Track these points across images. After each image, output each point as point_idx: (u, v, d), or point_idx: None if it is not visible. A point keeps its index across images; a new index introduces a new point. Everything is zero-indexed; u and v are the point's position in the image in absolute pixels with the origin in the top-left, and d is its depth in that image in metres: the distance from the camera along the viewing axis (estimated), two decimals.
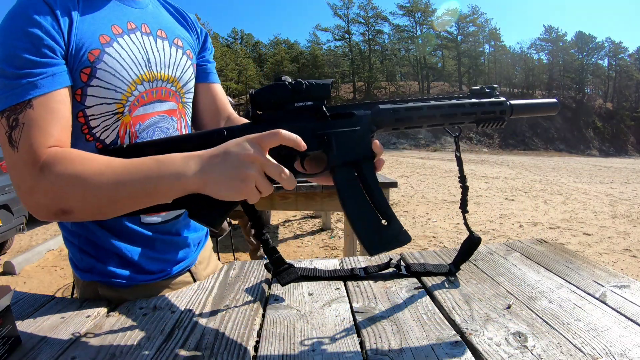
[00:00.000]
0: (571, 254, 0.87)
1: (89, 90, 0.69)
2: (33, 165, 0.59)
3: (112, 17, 0.73)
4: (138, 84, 0.74)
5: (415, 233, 4.73)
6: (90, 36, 0.68)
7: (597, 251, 4.11)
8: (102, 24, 0.70)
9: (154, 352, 0.53)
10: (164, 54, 0.79)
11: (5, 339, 0.52)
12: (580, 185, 9.49)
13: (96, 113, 0.71)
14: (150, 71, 0.76)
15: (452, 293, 0.69)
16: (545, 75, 45.00)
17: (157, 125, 0.79)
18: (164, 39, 0.80)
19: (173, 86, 0.81)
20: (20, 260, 3.63)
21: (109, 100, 0.71)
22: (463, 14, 44.52)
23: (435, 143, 32.66)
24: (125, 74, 0.71)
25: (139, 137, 0.76)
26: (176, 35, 0.84)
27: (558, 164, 18.27)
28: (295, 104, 0.59)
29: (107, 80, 0.69)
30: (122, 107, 0.72)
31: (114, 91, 0.71)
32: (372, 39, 44.94)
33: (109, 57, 0.69)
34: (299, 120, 0.59)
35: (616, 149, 36.99)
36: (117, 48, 0.71)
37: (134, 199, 0.58)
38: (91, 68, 0.68)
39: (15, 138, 0.60)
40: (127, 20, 0.75)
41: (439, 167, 14.22)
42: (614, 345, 0.51)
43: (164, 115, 0.80)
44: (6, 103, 0.60)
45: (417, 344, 0.53)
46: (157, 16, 0.83)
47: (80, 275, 0.79)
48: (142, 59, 0.74)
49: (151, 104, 0.77)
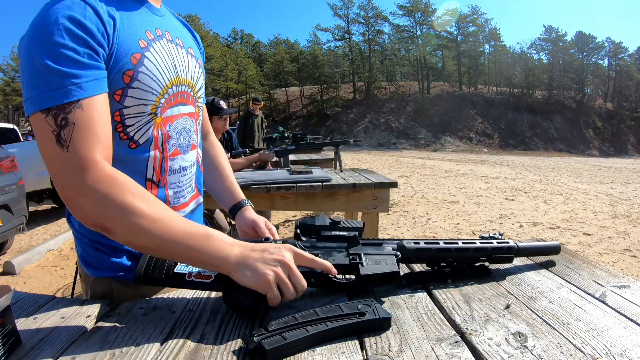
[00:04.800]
0: (571, 254, 0.87)
1: (129, 91, 0.71)
2: (83, 171, 0.60)
3: (144, 23, 0.76)
4: (169, 87, 0.78)
5: (415, 233, 4.73)
6: (131, 40, 0.71)
7: (597, 251, 4.11)
8: (138, 28, 0.74)
9: (154, 352, 0.53)
10: (184, 61, 0.84)
11: (5, 339, 0.52)
12: (581, 185, 9.48)
13: (132, 113, 0.73)
14: (177, 76, 0.80)
15: (452, 293, 0.69)
16: (545, 75, 44.99)
17: (182, 127, 0.85)
18: (181, 47, 0.85)
19: (192, 91, 0.87)
20: (20, 260, 3.63)
21: (146, 102, 0.74)
22: (463, 14, 44.53)
23: (435, 143, 32.64)
24: (160, 77, 0.75)
25: (171, 137, 0.81)
26: (189, 44, 0.89)
27: (558, 164, 18.27)
28: (333, 232, 0.71)
29: (146, 82, 0.73)
30: (156, 108, 0.76)
31: (151, 93, 0.74)
32: (372, 39, 44.93)
33: (148, 61, 0.73)
34: (335, 241, 0.70)
35: (616, 149, 36.98)
36: (153, 53, 0.75)
37: (174, 255, 0.63)
38: (134, 71, 0.71)
39: (65, 137, 0.60)
40: (155, 27, 0.79)
41: (439, 167, 14.22)
42: (614, 345, 0.51)
43: (187, 117, 0.86)
44: (53, 101, 0.60)
45: (417, 344, 0.53)
46: (174, 25, 0.88)
47: (92, 272, 0.80)
48: (171, 64, 0.79)
49: (177, 107, 0.82)
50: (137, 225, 0.59)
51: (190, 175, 0.89)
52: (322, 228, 0.71)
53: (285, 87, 43.39)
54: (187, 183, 0.88)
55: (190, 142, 0.88)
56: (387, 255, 0.70)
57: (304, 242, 0.70)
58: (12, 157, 4.00)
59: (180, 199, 0.86)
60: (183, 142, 0.85)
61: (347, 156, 18.32)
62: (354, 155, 20.60)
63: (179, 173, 0.84)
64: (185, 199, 0.88)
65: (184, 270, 0.65)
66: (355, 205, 2.35)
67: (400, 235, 4.64)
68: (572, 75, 44.65)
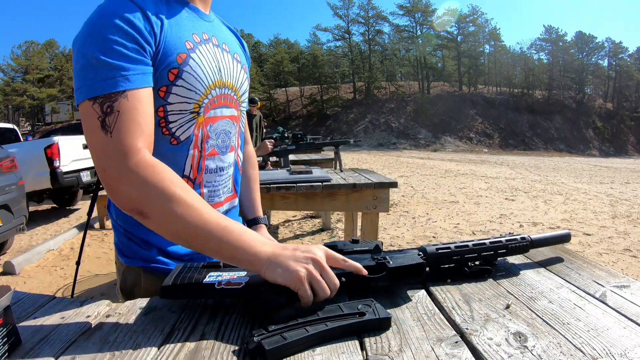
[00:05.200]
0: (571, 254, 0.87)
1: (174, 88, 0.75)
2: (125, 157, 0.63)
3: (192, 27, 0.80)
4: (212, 89, 0.81)
5: (416, 233, 4.73)
6: (177, 40, 0.75)
7: (597, 251, 4.11)
8: (185, 31, 0.78)
9: (154, 352, 0.53)
10: (229, 65, 0.87)
11: (5, 339, 0.52)
12: (581, 185, 9.48)
13: (175, 110, 0.77)
14: (221, 79, 0.83)
15: (452, 293, 0.69)
16: (545, 75, 44.98)
17: (222, 128, 0.87)
18: (227, 52, 0.88)
19: (235, 94, 0.90)
20: (20, 260, 3.63)
21: (189, 100, 0.77)
22: (463, 14, 44.52)
23: (435, 143, 32.64)
24: (204, 78, 0.79)
25: (210, 137, 0.84)
26: (235, 51, 0.92)
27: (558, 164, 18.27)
28: (355, 248, 0.73)
29: (190, 82, 0.76)
30: (198, 107, 0.79)
31: (194, 92, 0.77)
32: (372, 39, 44.92)
33: (193, 62, 0.77)
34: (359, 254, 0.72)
35: (616, 149, 36.98)
36: (198, 54, 0.78)
37: (204, 246, 0.63)
38: (178, 69, 0.74)
39: (110, 124, 0.64)
40: (202, 31, 0.82)
41: (439, 167, 14.22)
42: (614, 345, 0.51)
43: (228, 119, 0.89)
44: (101, 90, 0.65)
45: (417, 344, 0.53)
46: (222, 31, 0.91)
47: (124, 261, 0.85)
48: (215, 67, 0.82)
49: (220, 108, 0.85)
50: (173, 211, 0.61)
51: (227, 176, 0.92)
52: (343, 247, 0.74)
53: (285, 87, 43.37)
54: (224, 183, 0.91)
55: (229, 144, 0.90)
56: (410, 255, 0.72)
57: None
58: (12, 157, 4.00)
59: (215, 198, 0.89)
60: (221, 144, 0.87)
61: (347, 156, 18.32)
62: (354, 155, 20.60)
63: (215, 173, 0.87)
64: (220, 199, 0.91)
65: (212, 281, 0.64)
66: (355, 205, 2.35)
67: (400, 235, 4.64)
68: (572, 75, 44.64)
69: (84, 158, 5.96)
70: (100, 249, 4.20)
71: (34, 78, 38.63)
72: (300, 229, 4.88)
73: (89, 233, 4.06)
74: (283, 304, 0.59)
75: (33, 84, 38.45)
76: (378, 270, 0.68)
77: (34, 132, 30.96)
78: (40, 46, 41.03)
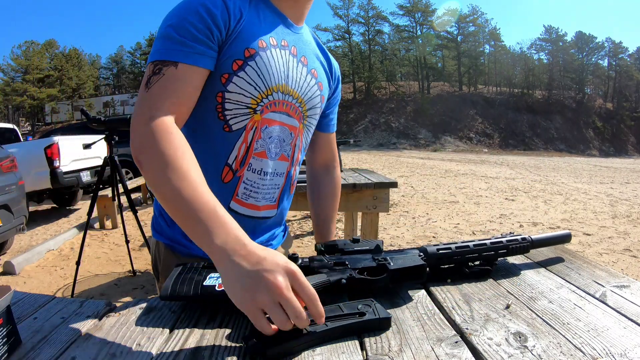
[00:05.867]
0: (571, 254, 0.87)
1: (235, 78, 0.78)
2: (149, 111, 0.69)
3: (273, 32, 0.83)
4: (274, 91, 0.82)
5: (416, 233, 4.73)
6: (251, 36, 0.79)
7: (597, 251, 4.11)
8: (263, 32, 0.81)
9: (154, 352, 0.53)
10: (300, 77, 0.88)
11: (5, 339, 0.52)
12: (581, 185, 9.48)
13: (233, 99, 0.80)
14: (286, 84, 0.84)
15: (452, 293, 0.69)
16: (545, 75, 44.97)
17: (278, 134, 0.87)
18: (304, 65, 0.89)
19: (300, 106, 0.89)
20: (20, 260, 3.63)
21: (247, 94, 0.80)
22: (463, 14, 44.51)
23: (435, 143, 32.64)
24: (268, 78, 0.80)
25: (262, 137, 0.84)
26: (314, 67, 0.92)
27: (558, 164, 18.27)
28: (355, 247, 0.74)
29: (251, 76, 0.79)
30: (256, 104, 0.81)
31: (254, 88, 0.80)
32: (372, 39, 44.91)
33: (260, 59, 0.79)
34: (359, 254, 0.72)
35: (616, 149, 36.98)
36: (268, 55, 0.80)
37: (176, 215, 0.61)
38: (243, 61, 0.78)
39: (152, 82, 0.71)
40: (282, 38, 0.85)
41: (438, 167, 14.22)
42: (614, 345, 0.51)
43: (287, 128, 0.88)
44: (159, 56, 0.72)
45: (417, 344, 0.52)
46: (306, 44, 0.92)
47: (154, 235, 0.94)
48: (283, 72, 0.83)
49: (279, 114, 0.85)
50: (165, 176, 0.62)
51: (272, 184, 0.90)
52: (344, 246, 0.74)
53: None
54: (267, 189, 0.89)
55: (281, 152, 0.89)
56: (411, 256, 0.72)
57: (330, 257, 0.72)
58: (12, 157, 4.00)
59: (251, 199, 0.88)
60: (273, 148, 0.87)
61: (347, 156, 18.31)
62: (354, 155, 20.60)
63: (258, 174, 0.87)
64: (259, 203, 0.89)
65: (213, 283, 0.64)
66: (355, 205, 2.35)
67: (400, 235, 4.64)
68: (572, 75, 44.63)
69: (84, 158, 5.96)
70: (100, 249, 4.20)
71: (34, 78, 38.63)
72: (300, 229, 4.88)
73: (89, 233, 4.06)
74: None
75: (33, 84, 38.45)
76: (379, 272, 0.68)
77: (34, 132, 30.94)
78: (40, 46, 41.01)
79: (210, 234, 0.55)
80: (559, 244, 0.86)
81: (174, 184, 0.60)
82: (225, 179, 0.84)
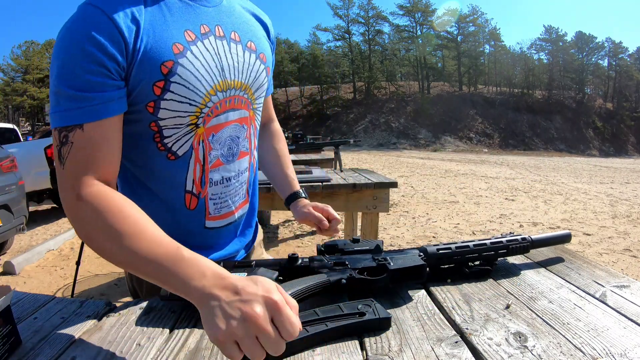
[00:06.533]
0: (571, 254, 0.87)
1: (162, 103, 0.68)
2: (72, 191, 0.61)
3: (185, 21, 0.70)
4: (212, 94, 0.72)
5: (416, 233, 4.73)
6: (162, 45, 0.66)
7: (597, 251, 4.11)
8: (174, 30, 0.68)
9: (154, 352, 0.53)
10: (238, 60, 0.76)
11: (5, 339, 0.52)
12: (581, 185, 9.49)
13: (170, 124, 0.70)
14: (224, 80, 0.74)
15: (452, 293, 0.69)
16: (545, 75, 44.98)
17: (228, 136, 0.79)
18: (237, 43, 0.77)
19: (245, 94, 0.80)
20: (20, 260, 3.63)
21: (183, 114, 0.70)
22: (463, 14, 44.53)
23: (435, 143, 32.64)
24: (199, 85, 0.70)
25: (213, 148, 0.76)
26: (249, 38, 0.81)
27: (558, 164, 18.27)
28: (355, 247, 0.74)
29: (181, 93, 0.68)
30: (196, 119, 0.72)
31: (188, 104, 0.70)
32: (372, 39, 44.92)
33: (182, 69, 0.67)
34: (359, 254, 0.73)
35: (616, 149, 36.98)
36: (190, 58, 0.68)
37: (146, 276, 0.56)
38: (164, 81, 0.66)
39: (64, 155, 0.62)
40: (200, 23, 0.72)
41: (439, 167, 14.22)
42: (614, 345, 0.51)
43: (236, 124, 0.80)
44: (59, 122, 0.62)
45: (417, 344, 0.52)
46: (232, 15, 0.79)
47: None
48: (216, 67, 0.72)
49: (224, 114, 0.76)
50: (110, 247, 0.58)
51: (237, 184, 0.85)
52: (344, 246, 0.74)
53: (285, 87, 43.37)
54: (234, 192, 0.84)
55: (237, 151, 0.82)
56: (411, 256, 0.72)
57: (330, 257, 0.72)
58: (12, 157, 4.00)
59: (223, 209, 0.83)
60: (227, 152, 0.80)
61: (347, 156, 18.31)
62: (354, 155, 20.60)
63: (221, 184, 0.81)
64: (231, 208, 0.85)
65: None
66: (355, 205, 2.35)
67: (400, 235, 4.64)
68: (572, 75, 44.63)
69: None
70: None
71: (34, 78, 38.67)
72: (301, 229, 4.88)
73: None
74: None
75: (33, 84, 38.49)
76: (379, 272, 0.68)
77: (34, 132, 30.95)
78: (40, 46, 41.08)
79: (187, 280, 0.52)
80: (559, 244, 0.86)
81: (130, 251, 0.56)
82: (191, 206, 0.79)
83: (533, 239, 0.80)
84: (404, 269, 0.68)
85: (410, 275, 0.69)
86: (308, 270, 0.68)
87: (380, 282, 0.67)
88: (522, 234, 0.80)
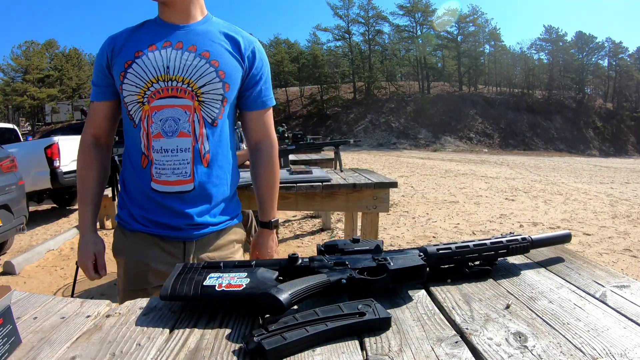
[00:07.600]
0: (571, 254, 0.87)
1: (124, 86, 1.03)
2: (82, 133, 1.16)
3: (154, 37, 1.04)
4: (154, 82, 1.02)
5: (416, 233, 4.73)
6: (130, 52, 1.03)
7: (597, 251, 4.11)
8: (141, 43, 1.04)
9: (154, 352, 0.53)
10: (185, 63, 1.03)
11: (5, 339, 0.52)
12: (581, 185, 9.48)
13: (128, 101, 1.05)
14: (167, 74, 1.02)
15: (452, 293, 0.69)
16: (545, 75, 44.97)
17: (170, 115, 1.03)
18: (192, 52, 1.03)
19: (189, 87, 1.03)
20: (20, 260, 3.63)
21: (133, 93, 1.03)
22: (463, 14, 44.47)
23: (435, 143, 32.64)
24: (144, 75, 1.02)
25: (154, 122, 1.03)
26: (206, 49, 1.05)
27: (558, 164, 18.27)
28: (355, 248, 0.75)
29: (131, 80, 1.03)
30: (142, 98, 1.03)
31: (135, 87, 1.03)
32: (372, 39, 44.88)
33: (136, 65, 1.02)
34: (359, 254, 0.73)
35: (616, 149, 36.97)
36: (144, 59, 1.02)
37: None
38: (124, 72, 1.03)
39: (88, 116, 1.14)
40: (165, 39, 1.04)
41: (439, 167, 14.22)
42: (614, 345, 0.51)
43: (178, 108, 1.03)
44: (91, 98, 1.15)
45: (417, 344, 0.52)
46: (199, 35, 1.06)
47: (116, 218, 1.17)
48: (161, 66, 1.02)
49: (167, 98, 1.03)
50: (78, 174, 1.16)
51: (178, 160, 1.04)
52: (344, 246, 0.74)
53: (285, 87, 43.34)
54: (175, 165, 1.04)
55: (177, 129, 1.03)
56: (411, 256, 0.72)
57: (330, 257, 0.72)
58: (12, 157, 4.00)
59: (163, 176, 1.05)
60: (168, 129, 1.03)
61: (347, 156, 18.31)
62: (354, 155, 20.60)
63: (161, 153, 1.04)
64: (169, 178, 1.05)
65: (213, 283, 0.64)
66: (355, 205, 2.35)
67: (400, 235, 4.64)
68: (572, 75, 44.61)
69: None
70: None
71: (34, 78, 38.61)
72: (301, 229, 4.88)
73: None
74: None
75: (33, 84, 38.43)
76: (379, 272, 0.68)
77: (34, 132, 30.93)
78: (40, 46, 40.97)
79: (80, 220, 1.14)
80: (559, 244, 0.86)
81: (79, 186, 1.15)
82: (143, 165, 1.06)
83: (533, 239, 0.80)
84: (404, 269, 0.68)
85: (410, 275, 0.69)
86: (308, 270, 0.68)
87: (380, 282, 0.67)
88: (522, 234, 0.80)
